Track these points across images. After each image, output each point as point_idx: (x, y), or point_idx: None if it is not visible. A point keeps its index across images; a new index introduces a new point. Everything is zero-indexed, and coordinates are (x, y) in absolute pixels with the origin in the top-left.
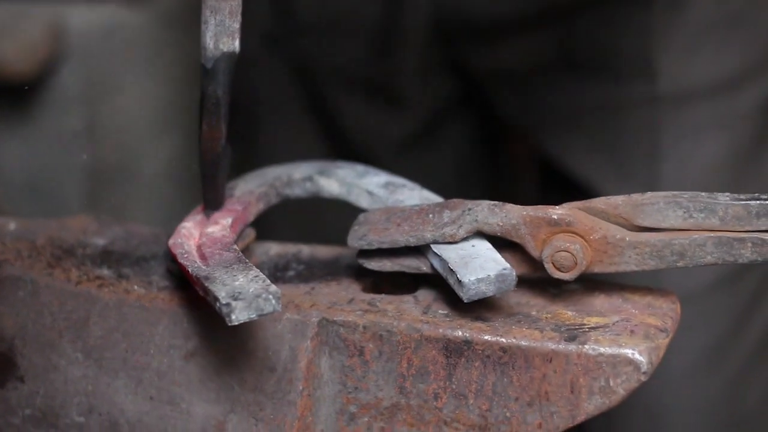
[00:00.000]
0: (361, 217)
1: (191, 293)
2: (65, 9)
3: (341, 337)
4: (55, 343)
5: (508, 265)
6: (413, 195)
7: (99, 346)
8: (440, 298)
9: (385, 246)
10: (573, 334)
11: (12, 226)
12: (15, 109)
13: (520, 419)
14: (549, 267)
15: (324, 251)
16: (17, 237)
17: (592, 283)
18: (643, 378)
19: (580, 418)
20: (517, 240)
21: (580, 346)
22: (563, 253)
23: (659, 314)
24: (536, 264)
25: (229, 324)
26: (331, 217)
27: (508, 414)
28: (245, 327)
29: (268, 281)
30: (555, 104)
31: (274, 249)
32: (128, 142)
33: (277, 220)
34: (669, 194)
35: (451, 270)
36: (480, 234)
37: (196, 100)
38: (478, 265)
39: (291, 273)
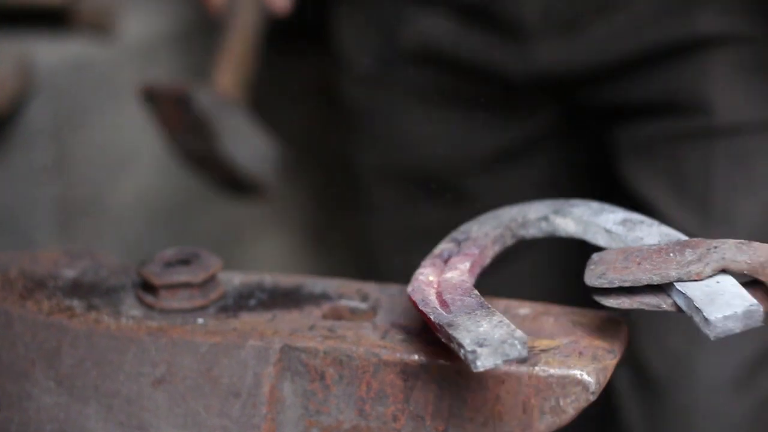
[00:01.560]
0: (596, 256)
1: (160, 323)
2: (34, 45)
3: (303, 363)
4: (28, 372)
5: (755, 301)
6: (652, 231)
7: (70, 375)
8: (397, 324)
9: (626, 284)
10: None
11: None
12: None
13: None
14: None
15: (286, 280)
16: None
17: (541, 307)
18: (591, 397)
19: None
20: (764, 278)
21: (531, 368)
22: None
23: (607, 336)
24: None
25: (474, 370)
26: None
27: None
28: (210, 354)
29: (513, 326)
30: (632, 136)
31: (237, 278)
32: (97, 176)
33: None
34: None
35: (697, 308)
36: (724, 271)
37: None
38: (725, 302)
39: (253, 301)
